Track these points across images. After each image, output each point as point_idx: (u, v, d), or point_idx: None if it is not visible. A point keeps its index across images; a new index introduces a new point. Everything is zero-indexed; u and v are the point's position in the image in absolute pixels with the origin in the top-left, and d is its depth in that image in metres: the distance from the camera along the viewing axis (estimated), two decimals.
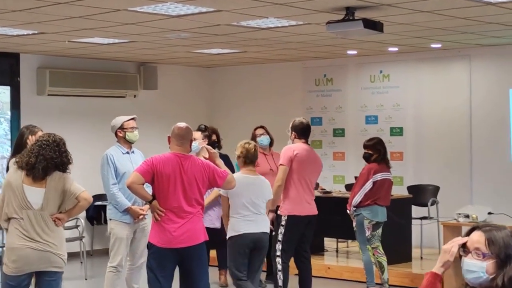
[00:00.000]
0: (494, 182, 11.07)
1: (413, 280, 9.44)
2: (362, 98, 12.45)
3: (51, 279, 5.86)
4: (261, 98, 13.48)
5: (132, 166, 7.79)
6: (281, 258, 7.73)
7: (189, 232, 6.26)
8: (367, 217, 8.62)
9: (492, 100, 11.20)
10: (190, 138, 6.47)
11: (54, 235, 5.82)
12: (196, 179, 6.29)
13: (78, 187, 5.94)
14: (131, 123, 7.92)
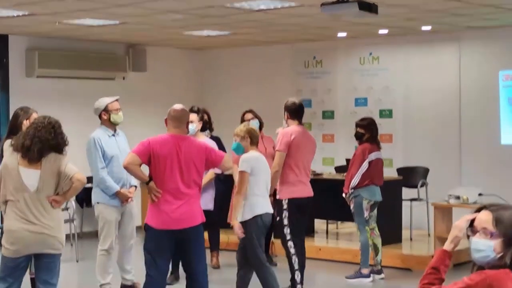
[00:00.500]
0: (484, 164, 11.14)
1: (404, 261, 9.52)
2: (352, 80, 12.47)
3: (49, 261, 5.85)
4: (251, 81, 13.48)
5: (119, 149, 7.78)
6: (292, 242, 7.72)
7: (187, 213, 6.25)
8: (366, 197, 8.65)
9: (481, 83, 11.26)
10: (186, 120, 6.46)
11: (50, 217, 5.81)
12: (194, 160, 6.28)
13: (72, 168, 5.90)
14: (115, 105, 7.87)
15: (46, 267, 5.86)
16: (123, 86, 12.55)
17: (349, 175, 8.74)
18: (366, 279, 8.73)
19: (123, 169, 7.67)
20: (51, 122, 5.85)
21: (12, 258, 5.77)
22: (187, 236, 6.29)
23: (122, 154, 7.77)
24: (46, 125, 5.81)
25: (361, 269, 8.77)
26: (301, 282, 7.77)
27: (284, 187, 7.71)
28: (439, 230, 9.39)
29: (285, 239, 7.76)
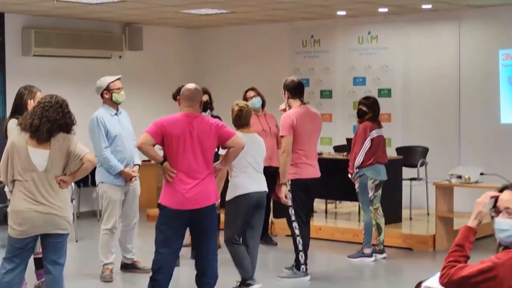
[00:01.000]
0: (483, 143, 11.14)
1: (406, 240, 9.51)
2: (350, 59, 12.42)
3: (56, 241, 5.80)
4: (248, 60, 13.40)
5: (121, 128, 7.75)
6: (296, 223, 7.69)
7: (201, 193, 6.24)
8: (370, 176, 8.62)
9: (481, 62, 11.22)
10: (199, 99, 6.42)
11: (58, 197, 5.75)
12: (207, 137, 6.25)
13: (83, 148, 5.86)
14: (117, 84, 7.85)
15: (54, 247, 5.81)
16: (119, 65, 12.47)
17: (352, 154, 8.70)
18: (369, 259, 8.71)
19: (126, 148, 7.72)
20: (59, 101, 5.78)
21: (20, 239, 5.72)
22: (201, 215, 6.28)
23: (125, 133, 7.77)
24: (54, 105, 5.73)
25: (364, 249, 8.75)
26: (305, 262, 7.74)
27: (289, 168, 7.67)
28: (441, 209, 9.38)
29: (290, 219, 7.73)
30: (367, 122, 8.73)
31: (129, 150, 7.76)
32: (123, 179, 7.72)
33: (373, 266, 8.61)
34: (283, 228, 10.13)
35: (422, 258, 9.01)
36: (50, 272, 5.85)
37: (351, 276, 8.21)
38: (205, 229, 6.35)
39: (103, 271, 7.83)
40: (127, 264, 8.12)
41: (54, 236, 5.77)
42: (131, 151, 7.80)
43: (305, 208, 7.86)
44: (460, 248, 3.55)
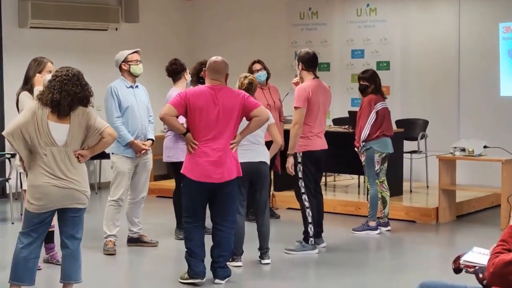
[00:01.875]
0: (483, 116, 11.16)
1: (408, 213, 9.54)
2: (348, 32, 12.37)
3: (74, 215, 5.76)
4: (245, 32, 13.31)
5: (136, 101, 7.77)
6: (306, 195, 7.70)
7: (223, 167, 6.26)
8: (377, 150, 8.62)
9: (481, 35, 11.22)
10: (225, 72, 6.43)
11: (77, 172, 5.71)
12: (231, 109, 6.26)
13: (103, 122, 5.82)
14: (135, 56, 7.92)
15: (72, 221, 5.77)
16: (116, 37, 12.41)
17: (358, 128, 8.69)
18: (373, 232, 8.75)
19: (138, 120, 7.73)
20: (75, 74, 5.70)
21: (38, 214, 5.67)
22: (222, 188, 6.33)
23: (139, 107, 7.79)
24: (72, 77, 5.65)
25: (369, 222, 8.78)
26: (313, 235, 7.76)
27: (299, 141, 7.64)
28: (444, 182, 9.41)
29: (300, 192, 7.73)
30: (371, 95, 8.72)
31: (141, 123, 7.75)
32: (133, 151, 7.70)
33: (379, 239, 8.65)
34: (284, 201, 10.20)
35: (426, 231, 9.05)
36: (68, 247, 5.81)
37: (358, 249, 8.22)
38: (224, 202, 6.37)
39: (106, 243, 7.81)
40: (134, 238, 8.11)
41: (73, 210, 5.73)
42: (144, 125, 7.80)
43: (314, 181, 7.88)
44: (504, 242, 3.68)
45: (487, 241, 8.43)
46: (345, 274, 7.15)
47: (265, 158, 7.20)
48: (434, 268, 7.58)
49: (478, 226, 9.35)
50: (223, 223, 6.47)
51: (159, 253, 7.95)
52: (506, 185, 9.00)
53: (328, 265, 7.42)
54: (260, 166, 7.17)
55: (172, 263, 7.69)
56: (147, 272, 7.35)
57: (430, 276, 7.16)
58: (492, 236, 8.71)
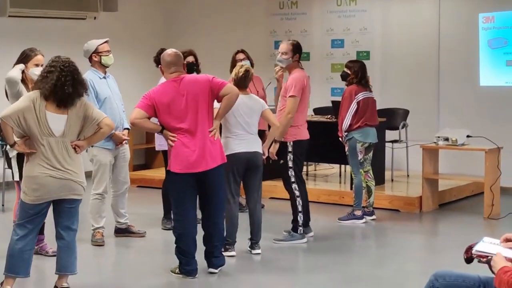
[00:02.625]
0: (463, 106, 11.25)
1: (392, 202, 9.61)
2: (328, 21, 12.39)
3: (71, 206, 5.73)
4: (223, 22, 13.27)
5: (110, 91, 7.70)
6: (296, 184, 7.73)
7: (205, 155, 6.24)
8: (359, 139, 8.67)
9: (461, 25, 11.30)
10: (181, 62, 6.43)
11: (74, 162, 5.68)
12: (200, 95, 6.24)
13: (100, 112, 5.82)
14: (106, 46, 7.84)
15: (68, 212, 5.74)
16: (94, 26, 12.26)
17: (340, 118, 8.71)
18: (359, 221, 8.80)
19: (115, 111, 7.67)
20: (70, 64, 5.66)
21: (34, 205, 5.63)
22: (206, 177, 6.29)
23: (114, 97, 7.74)
24: (68, 67, 5.60)
25: (354, 211, 8.83)
26: (303, 224, 7.78)
27: (290, 129, 7.66)
28: (427, 171, 9.48)
29: (289, 181, 7.75)
30: (353, 85, 8.77)
31: (118, 113, 7.70)
32: (113, 142, 7.65)
33: (365, 228, 8.70)
34: (267, 190, 10.18)
35: (410, 219, 9.13)
36: (64, 238, 5.78)
37: (346, 239, 8.26)
38: (210, 192, 6.35)
39: (94, 235, 7.77)
40: (121, 229, 8.07)
41: (69, 201, 5.70)
42: (121, 115, 7.75)
43: (301, 170, 7.94)
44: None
45: (470, 229, 8.62)
46: (335, 263, 7.16)
47: (259, 148, 7.21)
48: (422, 257, 7.66)
49: (460, 214, 9.44)
50: (213, 213, 6.45)
51: (147, 243, 7.93)
52: (489, 174, 9.10)
53: (317, 255, 7.45)
54: (255, 156, 7.18)
55: (161, 253, 7.69)
56: (137, 263, 7.32)
57: (421, 264, 7.28)
58: (475, 224, 8.86)
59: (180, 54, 6.51)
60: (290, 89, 7.63)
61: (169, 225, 8.45)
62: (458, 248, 7.70)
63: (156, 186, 10.98)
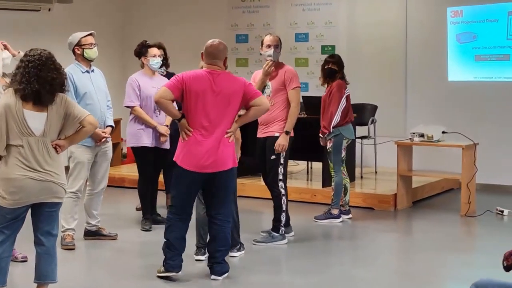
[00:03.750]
0: (431, 101, 11.11)
1: (365, 200, 9.39)
2: (292, 15, 12.12)
3: (51, 210, 5.32)
4: (182, 14, 12.90)
5: (93, 86, 7.32)
6: (283, 182, 7.44)
7: (216, 157, 5.95)
8: (346, 136, 8.44)
9: (428, 19, 11.14)
10: (223, 56, 6.08)
11: (54, 163, 5.27)
12: (230, 95, 5.94)
13: (83, 110, 5.40)
14: (89, 39, 7.43)
15: (49, 216, 5.33)
16: (48, 17, 11.86)
17: (328, 114, 8.41)
18: (336, 220, 8.55)
19: (96, 107, 7.27)
20: (49, 57, 5.25)
21: (13, 209, 5.21)
22: (215, 179, 6.01)
23: (97, 92, 7.36)
24: (46, 61, 5.20)
25: (331, 210, 8.58)
26: (284, 224, 7.50)
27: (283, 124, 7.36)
28: (402, 168, 9.28)
29: (276, 178, 7.43)
30: (340, 80, 8.53)
31: (100, 109, 7.30)
32: (93, 140, 7.25)
33: (343, 228, 8.44)
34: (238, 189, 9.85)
35: (386, 218, 8.91)
36: (44, 244, 5.37)
37: (326, 239, 8.05)
38: (218, 193, 6.06)
39: (64, 237, 7.34)
40: (91, 231, 7.67)
41: (49, 205, 5.29)
42: (103, 111, 7.35)
43: None
44: None
45: (448, 227, 8.44)
46: (319, 265, 6.87)
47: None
48: (404, 257, 7.44)
49: (436, 212, 9.27)
50: (218, 216, 6.13)
51: (119, 246, 7.53)
52: (466, 171, 8.93)
53: (299, 257, 7.14)
54: None
55: (135, 256, 7.34)
56: (110, 267, 6.89)
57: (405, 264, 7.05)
58: (452, 221, 8.69)
59: (225, 47, 6.15)
60: (292, 81, 7.38)
61: (148, 225, 8.11)
62: (439, 246, 7.62)
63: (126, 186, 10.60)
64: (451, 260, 7.23)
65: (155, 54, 8.13)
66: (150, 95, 7.82)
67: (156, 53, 8.15)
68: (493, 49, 10.59)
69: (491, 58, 10.63)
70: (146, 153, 8.07)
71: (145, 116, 7.93)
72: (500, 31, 10.51)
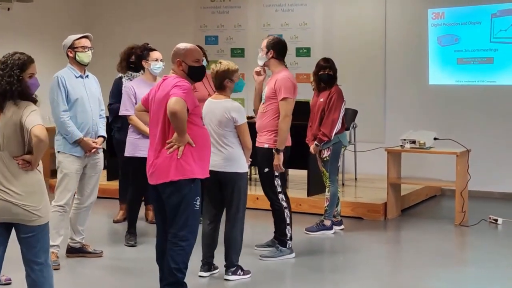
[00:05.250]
0: (411, 106, 10.80)
1: (354, 209, 9.02)
2: (265, 16, 11.69)
3: (26, 235, 4.72)
4: (146, 13, 12.37)
5: (86, 93, 6.78)
6: (282, 194, 7.01)
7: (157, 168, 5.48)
8: (344, 143, 8.07)
9: (408, 21, 10.84)
10: (176, 59, 5.59)
11: (18, 182, 4.65)
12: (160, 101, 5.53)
13: (33, 119, 4.62)
14: (83, 42, 6.85)
15: (26, 243, 4.75)
16: (7, 17, 11.24)
17: (329, 120, 7.95)
18: (329, 231, 8.16)
19: (88, 115, 6.76)
20: (5, 61, 4.73)
21: None
22: (160, 192, 5.53)
23: (90, 100, 6.84)
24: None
25: (324, 221, 8.17)
26: (291, 237, 7.08)
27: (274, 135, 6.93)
28: (392, 176, 8.93)
29: (275, 190, 7.01)
30: (337, 86, 8.14)
31: (91, 118, 6.76)
32: (82, 149, 6.69)
33: (338, 240, 8.03)
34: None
35: (378, 228, 8.56)
36: (29, 275, 4.82)
37: (323, 253, 7.65)
38: (164, 207, 5.58)
39: None
40: (75, 248, 7.11)
41: (22, 229, 4.72)
42: (95, 120, 6.82)
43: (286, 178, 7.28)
44: None
45: (445, 237, 8.10)
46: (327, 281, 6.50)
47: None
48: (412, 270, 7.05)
49: (427, 221, 8.94)
50: (168, 231, 5.60)
51: (106, 264, 7.00)
52: (460, 179, 8.62)
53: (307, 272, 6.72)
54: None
55: (125, 275, 6.76)
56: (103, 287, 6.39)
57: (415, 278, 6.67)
58: (447, 231, 8.36)
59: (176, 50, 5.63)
60: (280, 91, 6.90)
61: (133, 241, 7.60)
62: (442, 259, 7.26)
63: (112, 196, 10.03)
64: (458, 274, 6.88)
65: (157, 58, 7.64)
66: None
67: (158, 57, 7.67)
68: (476, 52, 10.33)
69: (474, 61, 10.37)
70: (141, 163, 7.56)
71: (141, 126, 7.39)
72: (483, 33, 10.26)
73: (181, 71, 5.58)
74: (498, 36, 10.18)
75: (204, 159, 5.59)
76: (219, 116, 6.23)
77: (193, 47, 5.70)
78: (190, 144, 5.44)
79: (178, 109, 5.29)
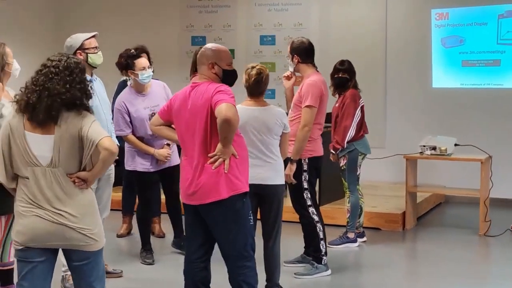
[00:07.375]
0: (413, 110, 10.39)
1: (371, 219, 8.53)
2: (257, 15, 11.15)
3: (80, 263, 4.15)
4: (127, 11, 11.74)
5: (98, 98, 6.10)
6: (313, 207, 6.51)
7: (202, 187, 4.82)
8: (361, 151, 7.58)
9: (411, 22, 10.43)
10: (208, 61, 4.92)
11: (72, 202, 4.09)
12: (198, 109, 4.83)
13: (99, 130, 4.15)
14: (93, 42, 6.18)
15: (79, 271, 4.18)
16: None
17: (341, 127, 7.50)
18: (353, 244, 7.69)
19: (104, 123, 6.04)
20: (70, 66, 4.13)
21: (20, 251, 4.11)
22: (205, 212, 4.89)
23: (102, 105, 6.19)
24: (62, 71, 4.09)
25: (348, 233, 7.68)
26: (325, 253, 6.57)
27: None
28: (410, 184, 8.48)
29: (305, 205, 6.49)
30: (353, 89, 7.65)
31: (106, 126, 6.09)
32: None
33: (364, 253, 7.57)
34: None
35: (399, 240, 8.13)
36: None
37: (358, 268, 7.17)
38: (213, 228, 4.93)
39: (66, 278, 6.14)
40: None
41: (74, 256, 4.15)
42: (110, 127, 6.19)
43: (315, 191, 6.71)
44: None
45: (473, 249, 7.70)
46: None
47: None
48: (460, 284, 6.61)
49: (447, 230, 8.53)
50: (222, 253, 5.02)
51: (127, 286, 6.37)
52: (484, 186, 8.22)
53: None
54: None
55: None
56: None
57: None
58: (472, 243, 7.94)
59: (203, 51, 5.01)
60: (306, 97, 6.37)
61: (150, 259, 6.98)
62: (477, 272, 6.86)
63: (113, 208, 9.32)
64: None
65: (144, 66, 6.87)
66: (143, 117, 6.79)
67: (145, 64, 6.88)
68: (482, 54, 9.98)
69: (479, 64, 10.01)
70: (144, 177, 6.95)
71: (139, 144, 6.83)
72: (489, 35, 9.91)
73: (213, 75, 4.91)
74: (506, 37, 9.84)
75: (246, 171, 5.01)
76: (270, 124, 5.66)
77: (225, 48, 5.11)
78: (234, 155, 4.86)
79: (232, 116, 4.66)
